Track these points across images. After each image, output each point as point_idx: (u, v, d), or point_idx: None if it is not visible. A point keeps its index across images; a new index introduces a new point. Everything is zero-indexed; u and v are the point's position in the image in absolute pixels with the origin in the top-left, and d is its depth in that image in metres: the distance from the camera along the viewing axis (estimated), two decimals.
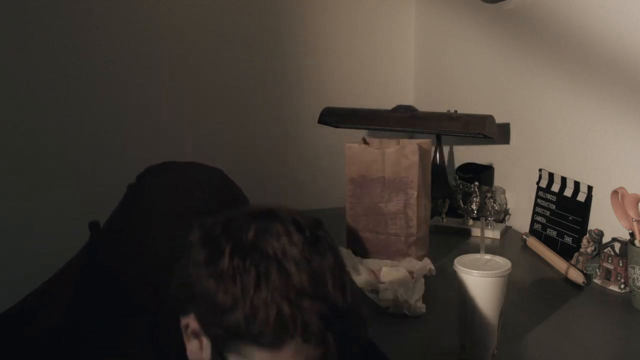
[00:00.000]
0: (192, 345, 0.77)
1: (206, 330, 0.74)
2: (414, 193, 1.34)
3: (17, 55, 1.73)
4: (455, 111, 1.72)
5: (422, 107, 2.03)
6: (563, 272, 1.35)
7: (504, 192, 1.75)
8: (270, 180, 2.04)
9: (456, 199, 1.69)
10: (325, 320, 0.69)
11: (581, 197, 1.47)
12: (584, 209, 1.45)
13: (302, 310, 0.68)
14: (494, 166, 1.81)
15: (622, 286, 1.27)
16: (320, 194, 2.06)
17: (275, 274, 0.69)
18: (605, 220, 1.38)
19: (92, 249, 1.00)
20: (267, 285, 0.69)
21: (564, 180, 1.53)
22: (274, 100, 2.03)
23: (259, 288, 0.68)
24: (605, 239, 1.37)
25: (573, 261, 1.39)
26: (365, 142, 1.43)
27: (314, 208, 1.98)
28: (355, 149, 1.40)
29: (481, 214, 1.64)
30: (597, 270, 1.32)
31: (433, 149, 1.75)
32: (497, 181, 1.80)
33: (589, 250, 1.37)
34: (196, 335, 0.76)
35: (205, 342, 0.75)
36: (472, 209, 1.66)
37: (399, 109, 1.78)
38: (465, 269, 0.97)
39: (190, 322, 0.75)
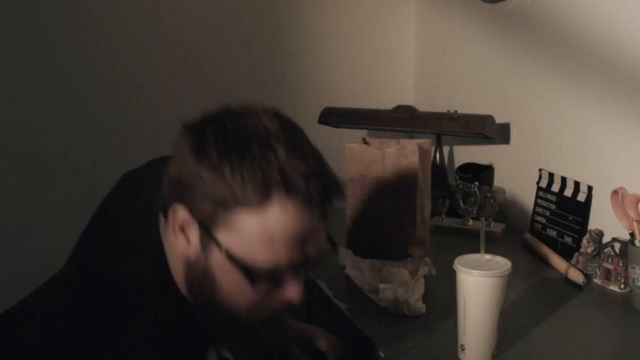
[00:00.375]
0: (180, 242, 0.80)
1: (195, 213, 0.77)
2: (414, 193, 1.34)
3: (17, 55, 1.73)
4: (455, 111, 1.72)
5: (422, 107, 2.03)
6: (563, 272, 1.35)
7: (504, 192, 1.75)
8: None
9: (456, 199, 1.69)
10: (305, 177, 0.76)
11: (581, 197, 1.47)
12: (584, 209, 1.45)
13: (283, 169, 0.75)
14: (494, 166, 1.81)
15: (622, 286, 1.27)
16: None
17: (257, 145, 0.76)
18: (605, 220, 1.38)
19: (87, 248, 1.00)
20: (251, 155, 0.75)
21: (564, 180, 1.53)
22: (274, 100, 2.01)
23: (244, 159, 0.75)
24: (605, 239, 1.37)
25: (573, 261, 1.39)
26: (365, 142, 1.43)
27: None
28: (355, 149, 1.40)
29: (481, 214, 1.64)
30: (597, 270, 1.32)
31: (433, 149, 1.75)
32: (497, 181, 1.80)
33: (589, 250, 1.37)
34: (183, 229, 0.79)
35: (193, 234, 0.79)
36: (472, 209, 1.66)
37: (399, 109, 1.78)
38: (465, 269, 0.97)
39: (179, 213, 0.79)
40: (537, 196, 1.60)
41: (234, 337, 0.84)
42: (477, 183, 1.67)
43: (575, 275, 1.30)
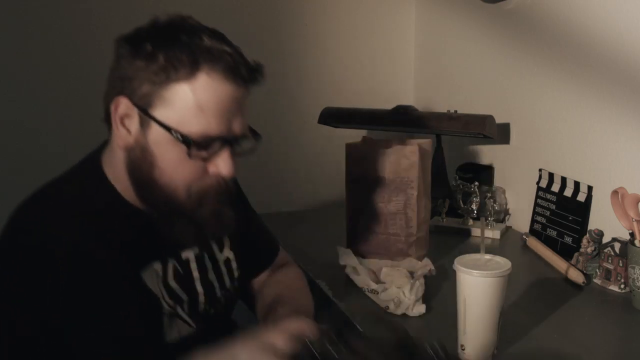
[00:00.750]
0: (121, 134, 0.91)
1: (134, 99, 0.89)
2: (414, 193, 1.34)
3: (17, 55, 1.73)
4: (455, 111, 1.72)
5: (422, 107, 2.03)
6: (563, 272, 1.35)
7: (504, 192, 1.75)
8: (270, 180, 2.04)
9: (456, 199, 1.69)
10: (230, 54, 0.89)
11: (581, 197, 1.47)
12: (584, 209, 1.45)
13: (209, 47, 0.88)
14: (494, 166, 1.81)
15: (622, 286, 1.27)
16: (320, 194, 2.06)
17: (185, 35, 0.89)
18: (605, 220, 1.38)
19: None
20: (180, 42, 0.89)
21: (564, 180, 1.53)
22: (274, 101, 2.03)
23: (174, 45, 0.88)
24: (605, 239, 1.37)
25: (573, 261, 1.39)
26: (365, 142, 1.43)
27: (314, 208, 1.99)
28: (355, 149, 1.40)
29: (481, 214, 1.64)
30: (597, 270, 1.32)
31: (433, 149, 1.75)
32: (497, 181, 1.80)
33: (589, 250, 1.37)
34: (123, 120, 0.90)
35: (133, 122, 0.90)
36: (472, 209, 1.66)
37: (399, 109, 1.77)
38: (465, 269, 0.97)
39: (121, 105, 0.90)
40: (537, 196, 1.60)
41: (177, 220, 0.93)
42: (477, 183, 1.67)
43: (575, 275, 1.30)
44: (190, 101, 0.88)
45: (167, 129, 0.88)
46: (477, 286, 0.96)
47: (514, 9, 1.68)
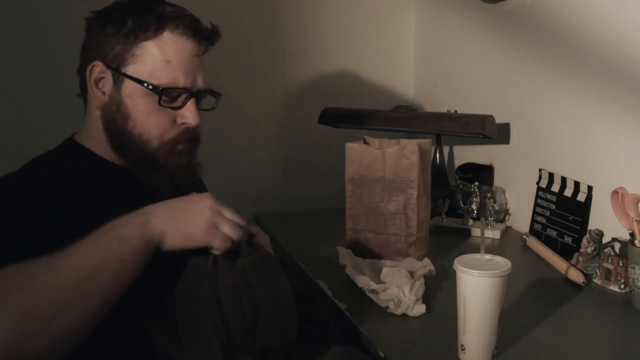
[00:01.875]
0: (95, 94, 1.04)
1: (107, 60, 1.01)
2: (414, 193, 1.34)
3: (17, 55, 1.73)
4: (455, 111, 1.72)
5: (422, 107, 2.04)
6: (563, 272, 1.35)
7: (504, 192, 1.75)
8: (270, 180, 2.04)
9: (456, 199, 1.69)
10: (191, 17, 1.04)
11: (581, 197, 1.47)
12: (584, 209, 1.46)
13: (172, 13, 1.02)
14: (494, 166, 1.81)
15: (622, 286, 1.27)
16: (320, 194, 2.06)
17: (151, 4, 1.02)
18: (605, 220, 1.38)
19: None
20: (146, 9, 1.01)
21: (564, 180, 1.53)
22: (274, 100, 2.03)
23: (140, 13, 1.00)
24: (605, 239, 1.37)
25: (573, 261, 1.39)
26: (365, 142, 1.43)
27: (314, 208, 1.99)
28: (355, 149, 1.40)
29: (481, 214, 1.64)
30: (597, 270, 1.32)
31: (433, 149, 1.75)
32: (497, 181, 1.80)
33: (589, 250, 1.37)
34: (97, 83, 1.03)
35: (107, 83, 1.02)
36: (472, 209, 1.66)
37: (399, 109, 1.78)
38: (465, 269, 0.97)
39: (95, 68, 1.03)
40: (537, 196, 1.60)
41: (152, 170, 1.02)
42: (477, 183, 1.67)
43: (575, 275, 1.30)
44: (158, 56, 1.00)
45: (139, 82, 1.00)
46: (477, 286, 0.96)
47: (514, 9, 1.68)
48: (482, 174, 1.78)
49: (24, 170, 1.03)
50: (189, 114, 1.03)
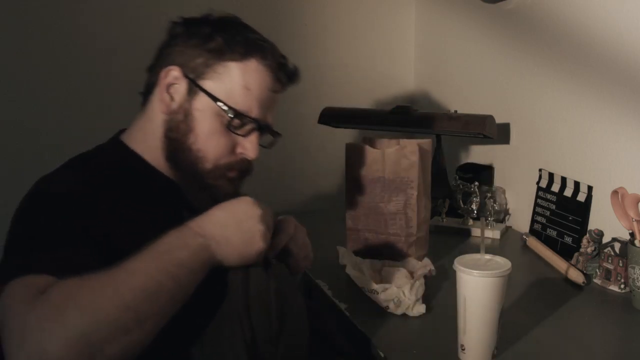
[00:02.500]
0: (164, 98, 0.99)
1: (186, 67, 0.98)
2: (414, 193, 1.34)
3: (17, 55, 1.73)
4: (455, 111, 1.72)
5: (422, 107, 2.03)
6: (563, 272, 1.35)
7: (504, 192, 1.75)
8: (270, 180, 2.04)
9: (456, 199, 1.69)
10: (279, 55, 1.04)
11: (581, 197, 1.47)
12: (584, 209, 1.46)
13: (261, 41, 1.01)
14: (494, 166, 1.81)
15: (622, 286, 1.27)
16: (320, 194, 2.06)
17: (238, 27, 1.02)
18: (605, 220, 1.38)
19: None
20: (235, 29, 1.01)
21: (564, 180, 1.53)
22: None
23: (230, 31, 0.99)
24: (605, 239, 1.37)
25: (573, 261, 1.39)
26: (365, 142, 1.43)
27: (314, 208, 1.99)
28: (355, 149, 1.40)
29: (481, 214, 1.64)
30: (597, 270, 1.32)
31: (433, 149, 1.75)
32: (497, 181, 1.80)
33: (589, 250, 1.37)
34: (169, 87, 0.99)
35: (179, 89, 0.98)
36: (472, 209, 1.66)
37: (399, 109, 1.77)
38: (465, 269, 0.97)
39: (172, 72, 0.98)
40: (537, 196, 1.60)
41: (196, 187, 1.01)
42: (477, 183, 1.67)
43: (575, 275, 1.30)
44: (240, 80, 0.98)
45: (215, 99, 0.97)
46: (477, 286, 0.96)
47: (514, 9, 1.68)
48: (482, 174, 1.78)
49: (72, 172, 0.97)
50: (249, 146, 1.01)
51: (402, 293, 1.16)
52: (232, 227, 0.87)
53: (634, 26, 1.31)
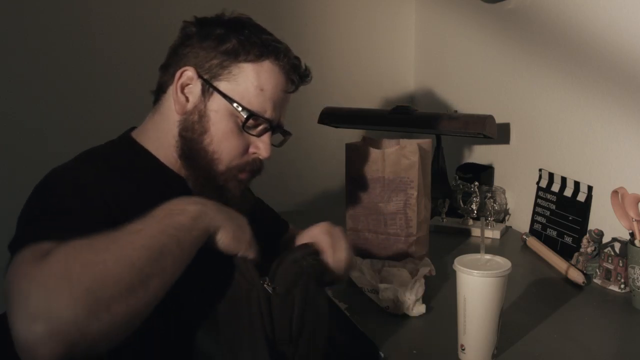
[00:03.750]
0: (178, 99, 0.99)
1: (201, 68, 0.98)
2: (414, 193, 1.34)
3: (17, 55, 1.73)
4: (455, 111, 1.72)
5: (422, 107, 2.04)
6: (563, 272, 1.35)
7: (504, 192, 1.75)
8: (270, 180, 2.04)
9: (456, 199, 1.69)
10: (291, 55, 1.04)
11: (581, 197, 1.47)
12: (584, 209, 1.46)
13: (275, 43, 1.02)
14: (494, 166, 1.81)
15: (622, 286, 1.27)
16: (320, 194, 2.06)
17: (250, 28, 1.02)
18: (605, 220, 1.38)
19: None
20: (249, 31, 1.00)
21: (564, 180, 1.53)
22: None
23: (244, 33, 0.99)
24: (605, 239, 1.37)
25: (573, 261, 1.39)
26: (365, 142, 1.43)
27: (314, 208, 1.99)
28: (355, 149, 1.40)
29: (481, 214, 1.64)
30: (597, 270, 1.32)
31: (433, 149, 1.75)
32: (497, 181, 1.80)
33: (589, 250, 1.37)
34: (183, 88, 0.99)
35: (194, 91, 0.99)
36: (472, 209, 1.66)
37: (399, 109, 1.78)
38: (465, 269, 0.97)
39: (187, 73, 0.99)
40: (537, 196, 1.60)
41: (208, 187, 1.00)
42: (477, 183, 1.67)
43: (575, 275, 1.30)
44: (254, 81, 0.99)
45: (230, 100, 0.98)
46: (477, 286, 0.96)
47: (514, 9, 1.68)
48: (482, 174, 1.78)
49: (83, 164, 0.97)
50: (263, 146, 1.03)
51: (402, 293, 1.16)
52: (225, 214, 0.88)
53: (634, 26, 1.31)
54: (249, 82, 0.99)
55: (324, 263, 0.97)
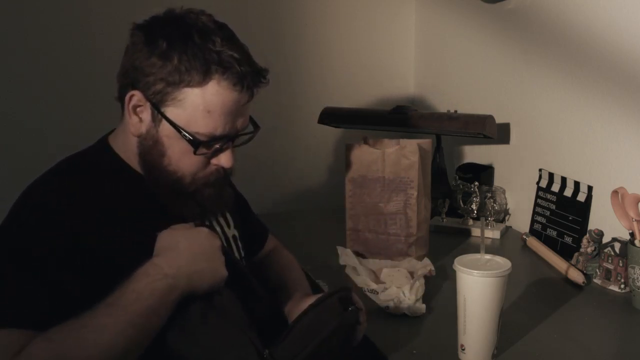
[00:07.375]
0: (133, 122, 0.98)
1: (148, 91, 0.95)
2: (414, 193, 1.34)
3: (17, 55, 1.73)
4: (455, 111, 1.72)
5: (422, 107, 2.04)
6: (563, 272, 1.35)
7: (504, 192, 1.75)
8: (270, 180, 2.04)
9: (456, 199, 1.69)
10: (238, 61, 0.95)
11: (581, 197, 1.47)
12: (584, 209, 1.46)
13: (220, 54, 0.94)
14: (494, 166, 1.81)
15: (622, 286, 1.27)
16: (320, 194, 2.06)
17: (197, 35, 0.94)
18: (605, 220, 1.38)
19: None
20: (193, 43, 0.94)
21: (564, 180, 1.53)
22: (275, 100, 2.03)
23: (188, 47, 0.93)
24: (605, 239, 1.37)
25: (573, 261, 1.39)
26: (365, 142, 1.43)
27: (314, 207, 1.99)
28: (355, 149, 1.40)
29: (481, 214, 1.64)
30: (597, 270, 1.32)
31: (433, 149, 1.75)
32: (497, 181, 1.80)
33: (589, 250, 1.37)
34: (136, 109, 0.97)
35: (146, 113, 0.97)
36: (472, 209, 1.66)
37: (399, 109, 1.78)
38: (465, 269, 0.97)
39: (135, 97, 0.96)
40: (537, 196, 1.60)
41: (181, 198, 1.00)
42: (477, 183, 1.67)
43: (575, 275, 1.30)
44: (200, 105, 0.95)
45: (177, 128, 0.95)
46: (477, 286, 0.96)
47: (514, 9, 1.68)
48: (482, 174, 1.78)
49: (57, 180, 0.99)
50: (224, 158, 1.01)
51: (402, 293, 1.16)
52: (201, 259, 0.90)
53: (634, 26, 1.31)
54: (195, 107, 0.95)
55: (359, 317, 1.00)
